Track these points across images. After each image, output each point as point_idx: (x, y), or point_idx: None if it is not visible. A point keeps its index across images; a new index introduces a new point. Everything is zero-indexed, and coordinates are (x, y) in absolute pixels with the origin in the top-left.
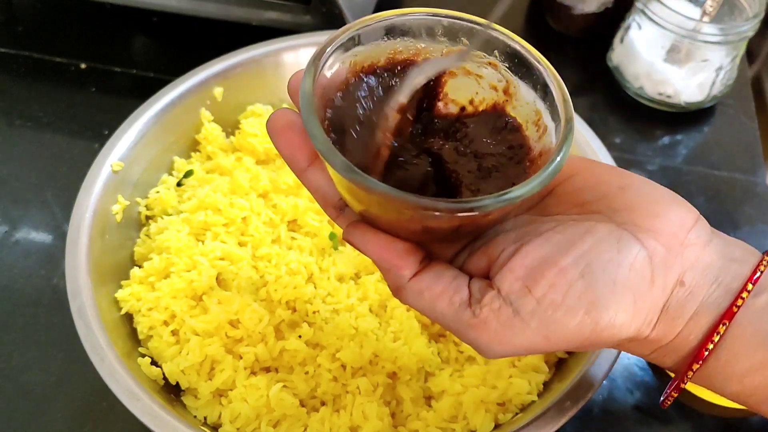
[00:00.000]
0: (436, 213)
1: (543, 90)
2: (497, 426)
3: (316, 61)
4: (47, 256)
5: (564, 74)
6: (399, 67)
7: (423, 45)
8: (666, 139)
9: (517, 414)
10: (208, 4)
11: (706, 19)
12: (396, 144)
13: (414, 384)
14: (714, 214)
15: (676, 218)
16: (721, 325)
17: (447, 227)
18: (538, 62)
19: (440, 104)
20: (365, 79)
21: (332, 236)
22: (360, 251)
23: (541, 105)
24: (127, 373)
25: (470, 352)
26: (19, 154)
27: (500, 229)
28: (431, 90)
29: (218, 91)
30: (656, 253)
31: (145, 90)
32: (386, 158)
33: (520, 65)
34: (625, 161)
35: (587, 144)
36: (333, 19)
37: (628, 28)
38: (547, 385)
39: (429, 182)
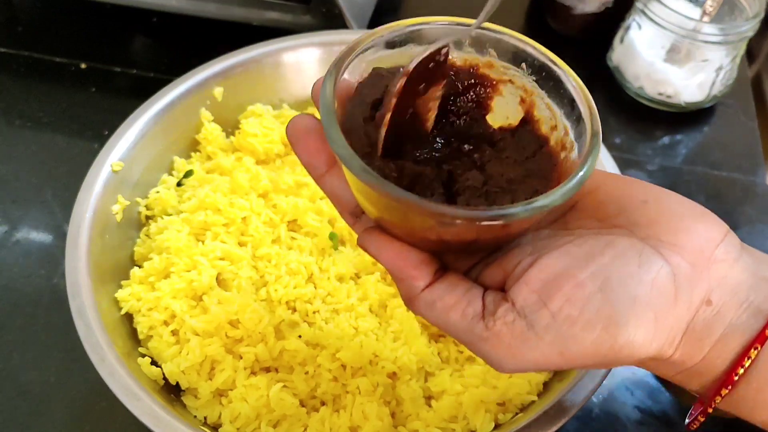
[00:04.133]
0: (456, 221)
1: (570, 104)
2: (497, 426)
3: (338, 64)
4: (47, 256)
5: None
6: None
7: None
8: (666, 139)
9: (517, 414)
10: (208, 4)
11: (706, 19)
12: (419, 151)
13: (414, 384)
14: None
15: (703, 233)
16: (752, 350)
17: (465, 238)
18: (566, 75)
19: (467, 115)
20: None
21: (332, 236)
22: (374, 258)
23: (567, 119)
24: (127, 373)
25: (470, 351)
26: (19, 154)
27: (517, 243)
28: (457, 99)
29: (218, 91)
30: (680, 270)
31: (145, 90)
32: (409, 166)
33: (547, 78)
34: (625, 161)
35: None
36: (333, 19)
37: (628, 28)
38: (547, 385)
39: (449, 192)
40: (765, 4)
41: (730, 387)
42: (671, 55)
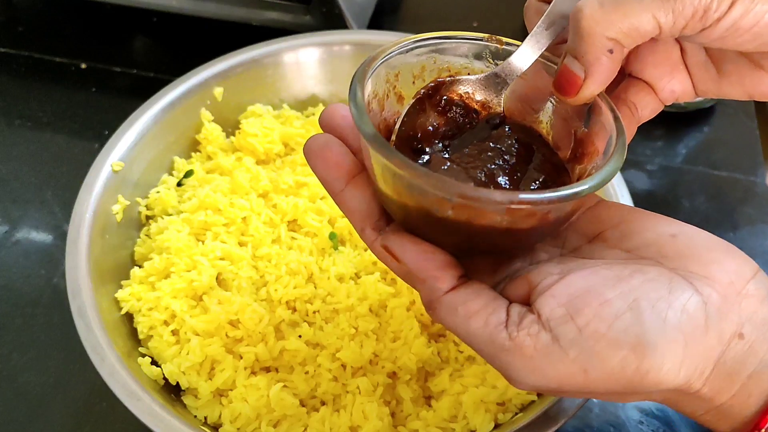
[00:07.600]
0: (488, 205)
1: (591, 109)
2: (497, 426)
3: (364, 72)
4: (47, 256)
5: None
6: (446, 82)
7: (468, 65)
8: (666, 139)
9: (517, 414)
10: (208, 4)
11: None
12: (447, 147)
13: (414, 384)
14: (714, 214)
15: (733, 267)
16: None
17: (495, 230)
18: None
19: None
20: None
21: (332, 236)
22: (397, 259)
23: (589, 123)
24: (127, 373)
25: (470, 351)
26: (19, 154)
27: (541, 260)
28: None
29: (218, 91)
30: (711, 300)
31: (145, 90)
32: (437, 160)
33: None
34: (625, 161)
35: None
36: (333, 19)
37: None
38: None
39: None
40: None
41: (763, 429)
42: None
